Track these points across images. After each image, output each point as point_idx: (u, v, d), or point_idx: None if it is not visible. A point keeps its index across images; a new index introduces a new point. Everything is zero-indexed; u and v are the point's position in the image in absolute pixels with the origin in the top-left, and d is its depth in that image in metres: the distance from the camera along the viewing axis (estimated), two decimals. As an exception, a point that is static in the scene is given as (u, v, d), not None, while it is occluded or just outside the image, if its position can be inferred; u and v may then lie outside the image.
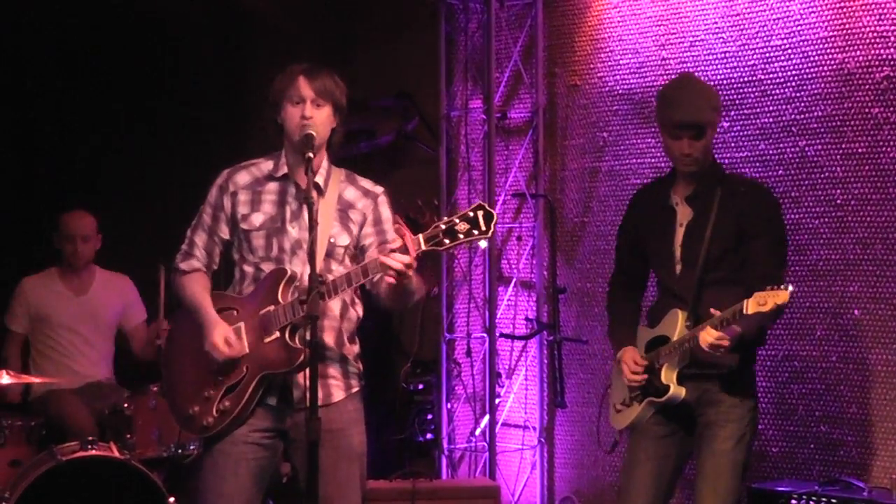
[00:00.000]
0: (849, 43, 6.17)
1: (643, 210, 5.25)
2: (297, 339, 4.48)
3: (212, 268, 4.75)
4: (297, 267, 4.56)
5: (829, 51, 6.24)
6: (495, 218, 4.28)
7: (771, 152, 6.43)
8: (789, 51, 6.38)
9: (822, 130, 6.27)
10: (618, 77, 7.09)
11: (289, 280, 4.54)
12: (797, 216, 6.28)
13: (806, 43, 6.31)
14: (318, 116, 4.54)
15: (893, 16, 6.03)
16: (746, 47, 6.54)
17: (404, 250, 4.27)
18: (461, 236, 4.27)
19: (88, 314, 7.01)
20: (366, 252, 4.63)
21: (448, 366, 7.62)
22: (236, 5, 8.43)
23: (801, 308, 6.27)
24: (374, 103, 7.96)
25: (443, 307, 7.64)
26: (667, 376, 5.00)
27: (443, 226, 4.28)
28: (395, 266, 4.27)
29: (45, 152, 8.14)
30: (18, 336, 7.02)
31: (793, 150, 6.36)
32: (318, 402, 4.22)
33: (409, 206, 7.12)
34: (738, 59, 6.57)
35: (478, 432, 7.49)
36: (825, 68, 6.25)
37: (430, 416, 7.69)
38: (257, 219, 4.62)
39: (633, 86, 7.01)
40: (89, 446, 6.01)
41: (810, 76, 6.31)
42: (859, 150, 6.15)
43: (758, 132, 6.48)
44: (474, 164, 7.66)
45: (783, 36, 6.40)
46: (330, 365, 4.60)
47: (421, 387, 7.81)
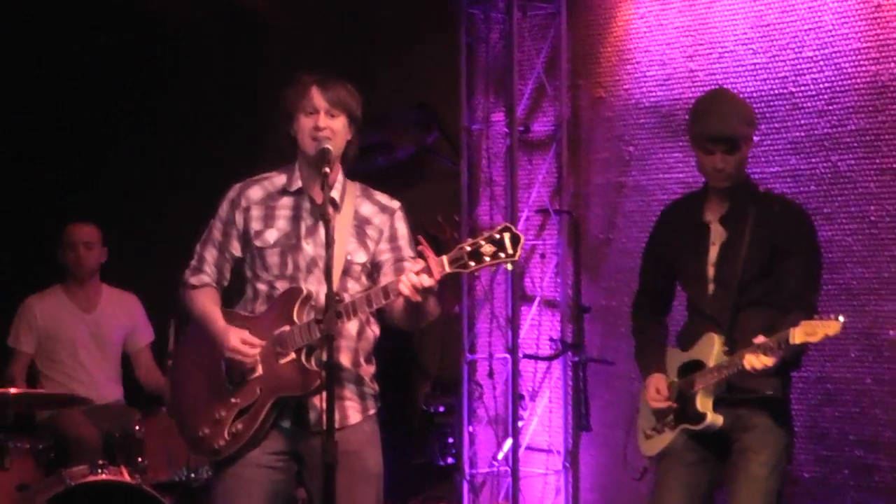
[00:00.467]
0: (883, 54, 6.11)
1: (673, 227, 5.18)
2: (314, 361, 4.41)
3: (222, 284, 4.68)
4: (312, 285, 4.49)
5: (862, 62, 6.17)
6: (522, 241, 4.21)
7: (802, 167, 6.38)
8: (821, 62, 6.31)
9: (856, 145, 6.21)
10: (644, 89, 7.04)
11: (304, 299, 4.47)
12: (830, 233, 6.20)
13: (838, 54, 6.26)
14: (333, 127, 4.47)
15: (929, 27, 6.00)
16: (777, 59, 6.48)
17: (427, 271, 4.20)
18: (487, 259, 4.20)
19: (96, 331, 6.93)
20: (381, 269, 4.57)
21: (469, 387, 7.56)
22: (254, 18, 8.44)
23: (834, 328, 6.19)
24: (394, 115, 7.88)
25: (464, 327, 7.57)
26: (703, 403, 4.91)
27: (468, 248, 4.21)
28: (417, 288, 4.20)
29: (48, 167, 8.15)
30: (24, 356, 6.89)
31: (825, 164, 6.29)
32: (335, 425, 4.17)
33: (428, 222, 7.08)
34: (768, 70, 6.51)
35: (500, 456, 7.42)
36: (858, 80, 6.19)
37: (450, 440, 7.63)
38: (271, 235, 4.55)
39: (660, 98, 6.96)
40: (99, 470, 5.92)
41: (843, 89, 6.24)
42: (894, 165, 6.09)
43: (789, 146, 6.43)
44: (496, 178, 7.63)
45: (815, 47, 6.34)
46: (346, 386, 4.53)
47: (441, 409, 7.75)
